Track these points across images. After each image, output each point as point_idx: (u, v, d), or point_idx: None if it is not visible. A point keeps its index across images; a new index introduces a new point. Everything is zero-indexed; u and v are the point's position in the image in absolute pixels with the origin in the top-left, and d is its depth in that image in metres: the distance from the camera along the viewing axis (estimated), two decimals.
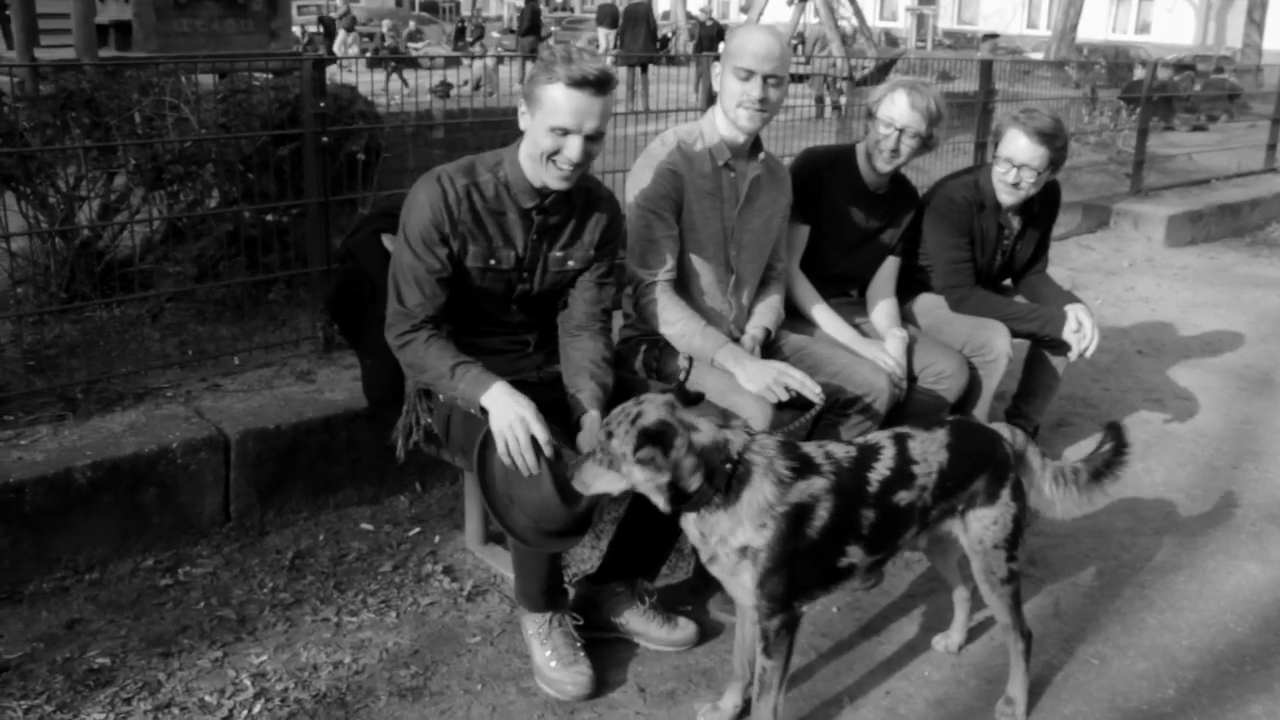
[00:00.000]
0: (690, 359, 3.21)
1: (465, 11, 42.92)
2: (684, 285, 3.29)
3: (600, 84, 2.66)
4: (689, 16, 24.16)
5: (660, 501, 2.41)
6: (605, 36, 22.29)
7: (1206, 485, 4.26)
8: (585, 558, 3.48)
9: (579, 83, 2.64)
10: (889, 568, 3.43)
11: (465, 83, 15.38)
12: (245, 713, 2.72)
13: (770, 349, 3.40)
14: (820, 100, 14.55)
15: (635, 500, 3.02)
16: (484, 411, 2.66)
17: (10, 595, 3.12)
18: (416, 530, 3.63)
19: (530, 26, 21.27)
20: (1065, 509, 2.91)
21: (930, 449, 2.62)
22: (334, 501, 3.70)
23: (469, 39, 23.07)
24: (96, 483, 3.21)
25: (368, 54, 20.61)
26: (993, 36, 26.02)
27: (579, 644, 2.88)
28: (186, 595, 3.21)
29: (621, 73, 15.36)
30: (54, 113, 4.02)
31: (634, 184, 3.24)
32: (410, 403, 3.06)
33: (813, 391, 3.05)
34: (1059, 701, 2.92)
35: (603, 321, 3.02)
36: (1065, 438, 4.62)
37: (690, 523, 2.47)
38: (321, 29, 23.27)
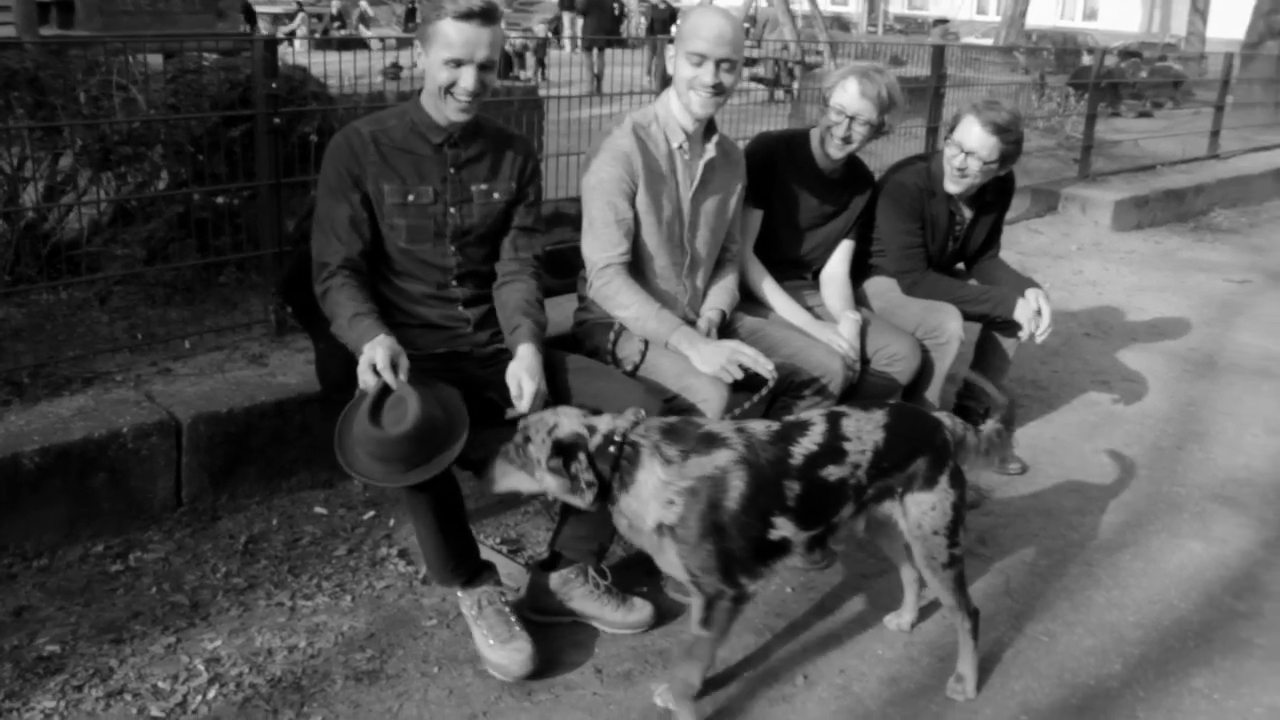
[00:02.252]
0: (645, 342, 3.22)
1: None
2: (638, 268, 3.30)
3: (486, 14, 2.79)
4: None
5: (577, 501, 2.56)
6: (569, 20, 22.12)
7: (1152, 465, 4.35)
8: (539, 540, 3.49)
9: (465, 15, 2.76)
10: (842, 550, 3.48)
11: (414, 64, 15.20)
12: (199, 698, 2.69)
13: (726, 331, 3.42)
14: (772, 83, 14.60)
15: None
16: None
17: None
18: (371, 514, 3.61)
19: None
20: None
21: (865, 428, 2.66)
22: (287, 486, 3.67)
23: (420, 20, 22.78)
24: (44, 468, 3.15)
25: (316, 35, 20.31)
26: (943, 21, 26.27)
27: (513, 619, 2.87)
28: (138, 581, 3.17)
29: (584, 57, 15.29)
30: None
31: (589, 167, 3.24)
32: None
33: (765, 368, 3.07)
34: (1008, 678, 2.97)
35: (534, 267, 3.12)
36: (1017, 417, 4.68)
37: (614, 514, 2.59)
38: (244, 14, 22.80)
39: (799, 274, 3.92)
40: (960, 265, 4.28)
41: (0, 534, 3.13)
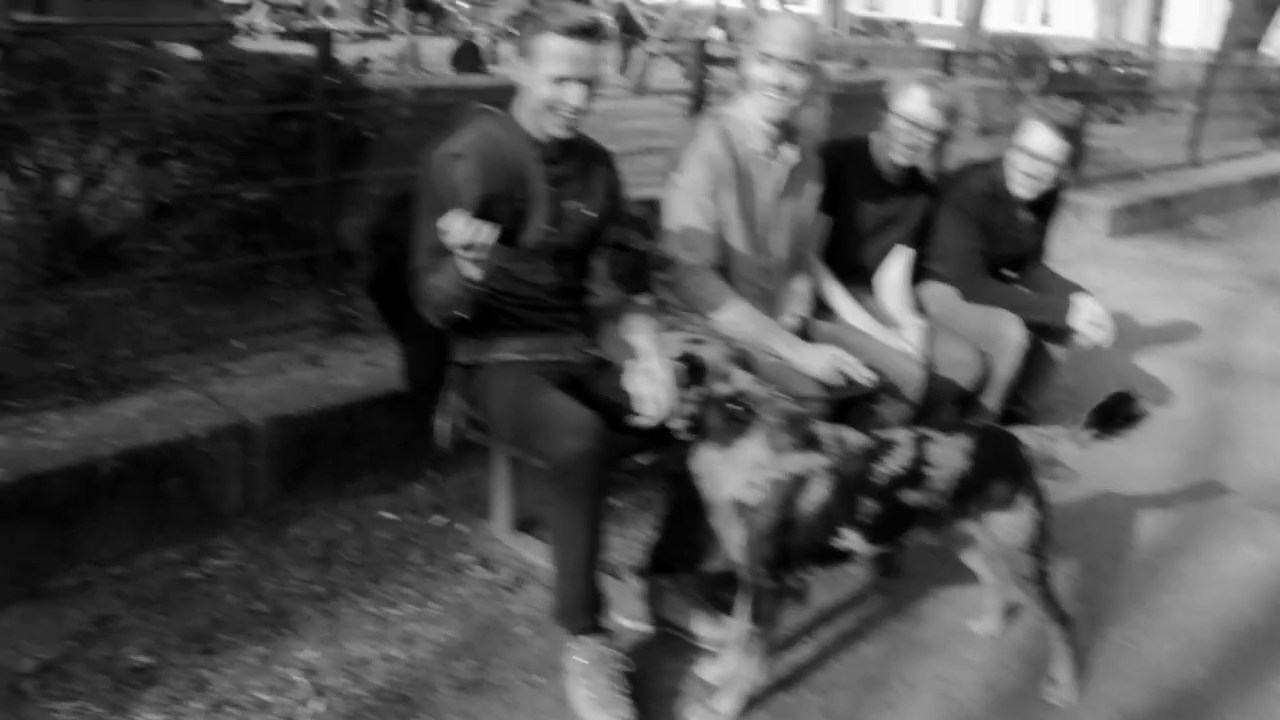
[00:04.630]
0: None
1: None
2: (722, 270, 3.28)
3: (592, 30, 2.76)
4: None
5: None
6: None
7: (1191, 470, 4.42)
8: (624, 550, 3.45)
9: (573, 31, 2.73)
10: (911, 556, 3.49)
11: (386, 57, 15.02)
12: (305, 710, 2.64)
13: (802, 337, 3.41)
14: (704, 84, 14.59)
15: (677, 491, 3.03)
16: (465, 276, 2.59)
17: (34, 592, 2.96)
18: (440, 519, 3.55)
19: (416, 2, 20.66)
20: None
21: (950, 454, 2.69)
22: (352, 490, 3.60)
23: (379, 11, 22.47)
24: (121, 472, 3.06)
25: (276, 28, 19.95)
26: (901, 25, 26.54)
27: (623, 688, 2.67)
28: (215, 588, 3.09)
29: None
30: (35, 81, 3.80)
31: (677, 170, 3.22)
32: (452, 388, 3.00)
33: (864, 376, 3.08)
34: (1099, 683, 3.00)
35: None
36: (1051, 423, 4.73)
37: (694, 456, 2.60)
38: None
39: (858, 280, 3.92)
40: (1010, 273, 4.30)
41: (76, 541, 3.04)
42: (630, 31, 15.48)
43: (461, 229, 2.46)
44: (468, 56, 14.28)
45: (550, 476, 2.60)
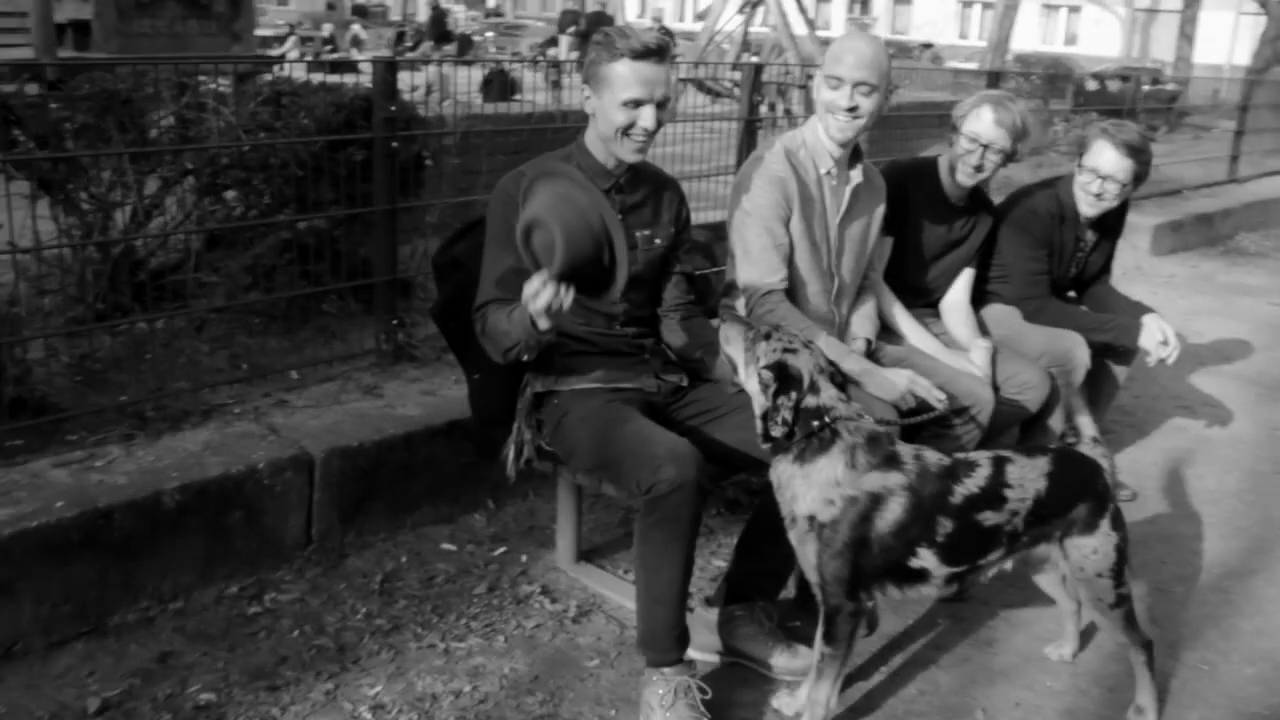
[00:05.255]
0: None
1: (394, 16, 42.35)
2: (789, 294, 3.24)
3: (661, 51, 2.73)
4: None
5: (757, 420, 2.56)
6: (566, 43, 22.09)
7: (1257, 490, 4.33)
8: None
9: (641, 54, 2.70)
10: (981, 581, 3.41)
11: (415, 88, 15.11)
12: None
13: (870, 359, 3.36)
14: (771, 108, 14.62)
15: (753, 519, 2.98)
16: (533, 323, 2.50)
17: (96, 628, 2.94)
18: (500, 549, 3.52)
19: (439, 33, 20.87)
20: None
21: (1029, 475, 2.64)
22: (411, 521, 3.57)
23: (409, 43, 22.72)
24: (184, 506, 3.04)
25: (306, 58, 20.18)
26: (928, 46, 26.53)
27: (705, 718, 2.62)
28: (277, 624, 3.06)
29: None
30: (95, 114, 3.81)
31: (745, 194, 3.18)
32: (521, 419, 2.96)
33: (937, 399, 3.03)
34: (1181, 708, 2.92)
35: (693, 306, 3.10)
36: (1111, 444, 4.64)
37: (773, 467, 2.58)
38: None
39: (922, 302, 3.87)
40: (1072, 293, 4.24)
41: (139, 576, 3.01)
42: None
43: (543, 295, 2.41)
44: (497, 85, 14.38)
45: (644, 506, 2.56)
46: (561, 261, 2.39)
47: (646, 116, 2.74)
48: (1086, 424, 2.97)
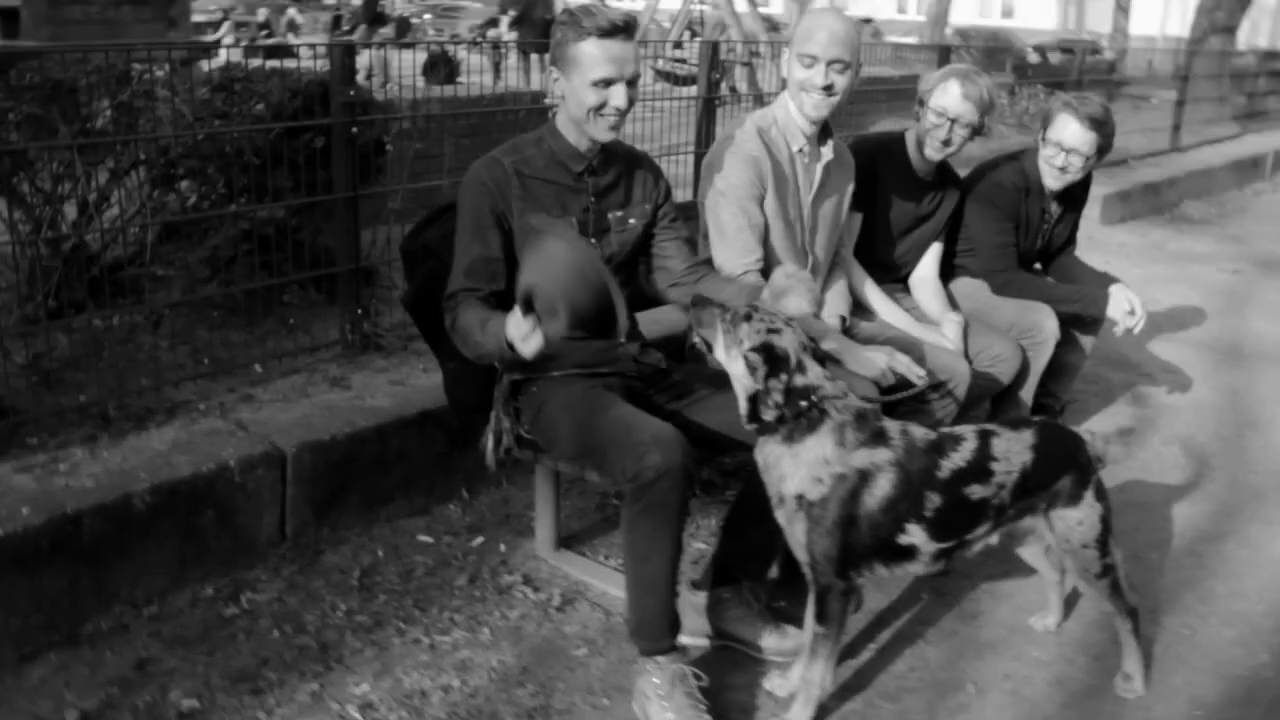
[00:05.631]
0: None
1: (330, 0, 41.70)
2: (764, 274, 3.21)
3: (628, 28, 2.69)
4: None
5: (739, 404, 2.52)
6: (506, 23, 21.82)
7: (1221, 454, 4.39)
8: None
9: (609, 31, 2.65)
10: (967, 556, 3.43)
11: (355, 72, 14.88)
12: None
13: (846, 336, 3.35)
14: (716, 85, 14.57)
15: (737, 500, 2.95)
16: (510, 346, 2.45)
17: (69, 638, 2.84)
18: (478, 539, 3.46)
19: (372, 16, 20.52)
20: None
21: (1014, 449, 2.65)
22: (386, 514, 3.50)
23: (346, 27, 22.31)
24: (155, 508, 2.95)
25: (243, 43, 19.77)
26: (868, 21, 26.61)
27: (703, 707, 2.56)
28: (256, 624, 2.98)
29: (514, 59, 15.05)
30: (40, 104, 3.66)
31: (718, 173, 3.15)
32: (499, 407, 2.91)
33: (917, 375, 3.03)
34: (1167, 673, 2.95)
35: (706, 265, 3.07)
36: (1076, 413, 4.71)
37: (759, 448, 2.55)
38: None
39: (892, 277, 3.87)
40: (1037, 265, 4.27)
41: (111, 582, 2.91)
42: None
43: (534, 340, 2.39)
44: (440, 68, 14.21)
45: (631, 494, 2.51)
46: (565, 324, 2.36)
47: (618, 95, 2.69)
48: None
